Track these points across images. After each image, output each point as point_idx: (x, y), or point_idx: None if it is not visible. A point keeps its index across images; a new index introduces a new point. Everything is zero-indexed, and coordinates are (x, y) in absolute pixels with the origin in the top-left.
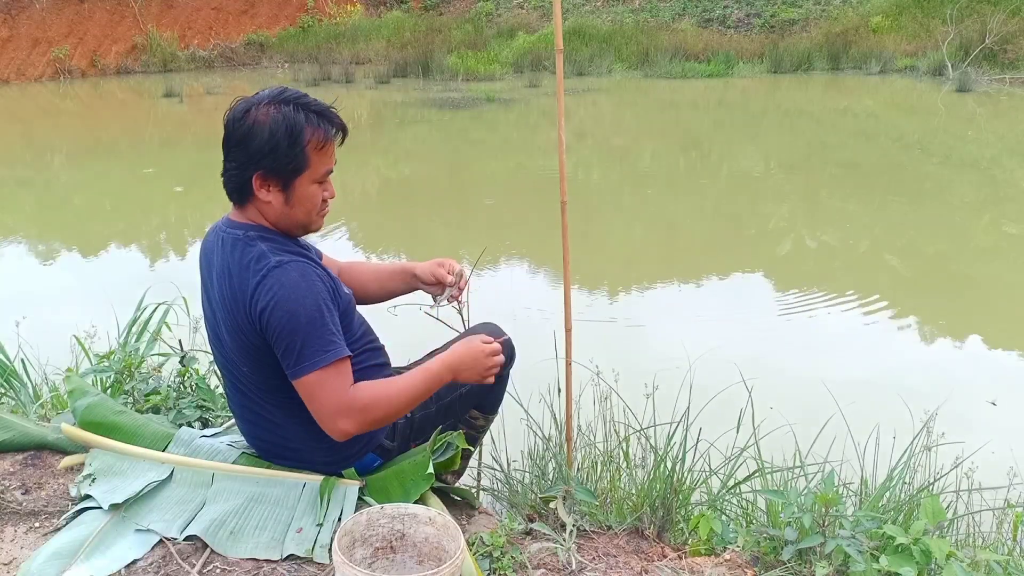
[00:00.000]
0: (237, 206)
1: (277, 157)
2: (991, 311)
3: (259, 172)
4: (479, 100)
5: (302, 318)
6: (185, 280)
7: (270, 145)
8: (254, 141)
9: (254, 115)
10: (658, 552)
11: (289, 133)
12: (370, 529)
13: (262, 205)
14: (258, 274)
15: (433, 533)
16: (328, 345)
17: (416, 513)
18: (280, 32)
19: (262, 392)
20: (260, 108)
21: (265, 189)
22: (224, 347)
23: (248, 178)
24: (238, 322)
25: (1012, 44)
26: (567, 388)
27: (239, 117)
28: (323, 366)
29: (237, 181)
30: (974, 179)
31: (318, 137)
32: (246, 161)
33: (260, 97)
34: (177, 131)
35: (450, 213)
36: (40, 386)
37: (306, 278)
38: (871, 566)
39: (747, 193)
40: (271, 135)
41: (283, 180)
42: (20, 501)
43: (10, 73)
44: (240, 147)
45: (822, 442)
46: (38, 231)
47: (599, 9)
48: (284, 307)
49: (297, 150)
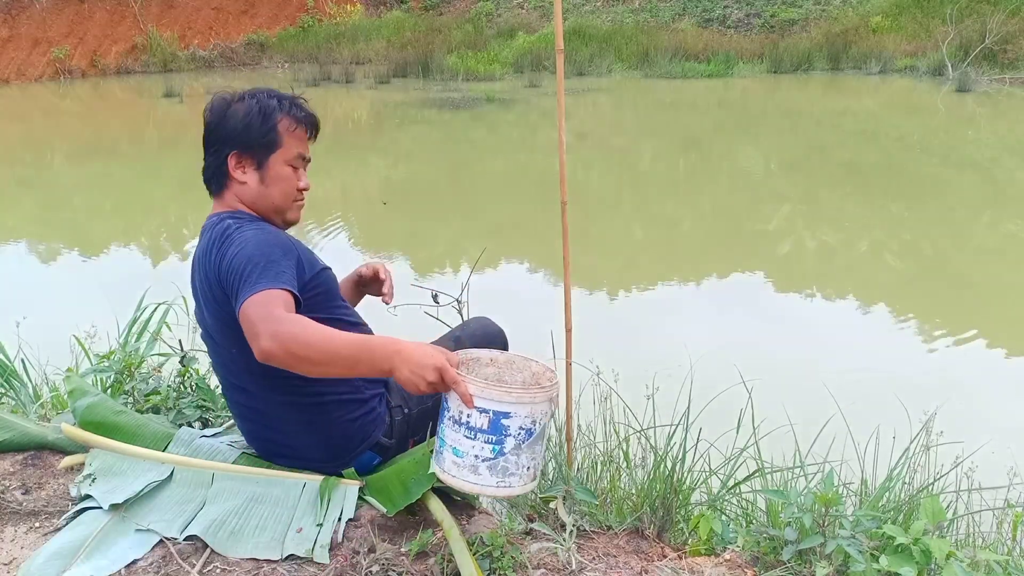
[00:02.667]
0: (216, 197)
1: (250, 134)
2: (991, 311)
3: (235, 151)
4: (479, 100)
5: (249, 256)
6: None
7: (244, 123)
8: (229, 122)
9: (225, 102)
10: (658, 552)
11: (261, 111)
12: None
13: (238, 187)
14: (221, 241)
15: (494, 372)
16: (269, 276)
17: (479, 356)
18: (280, 32)
19: (254, 379)
20: (230, 97)
21: (241, 169)
22: (212, 335)
23: (224, 159)
24: (214, 294)
25: (1012, 44)
26: (567, 388)
27: (215, 106)
28: (263, 290)
29: (214, 166)
30: (974, 179)
31: (289, 119)
32: (222, 144)
33: (237, 91)
34: (177, 131)
35: (450, 213)
36: (40, 386)
37: (264, 232)
38: (871, 566)
39: (747, 193)
40: (245, 114)
41: (257, 158)
42: (20, 501)
43: (10, 73)
44: (215, 132)
45: (822, 442)
46: (38, 231)
47: (599, 9)
48: (234, 252)
49: (269, 127)
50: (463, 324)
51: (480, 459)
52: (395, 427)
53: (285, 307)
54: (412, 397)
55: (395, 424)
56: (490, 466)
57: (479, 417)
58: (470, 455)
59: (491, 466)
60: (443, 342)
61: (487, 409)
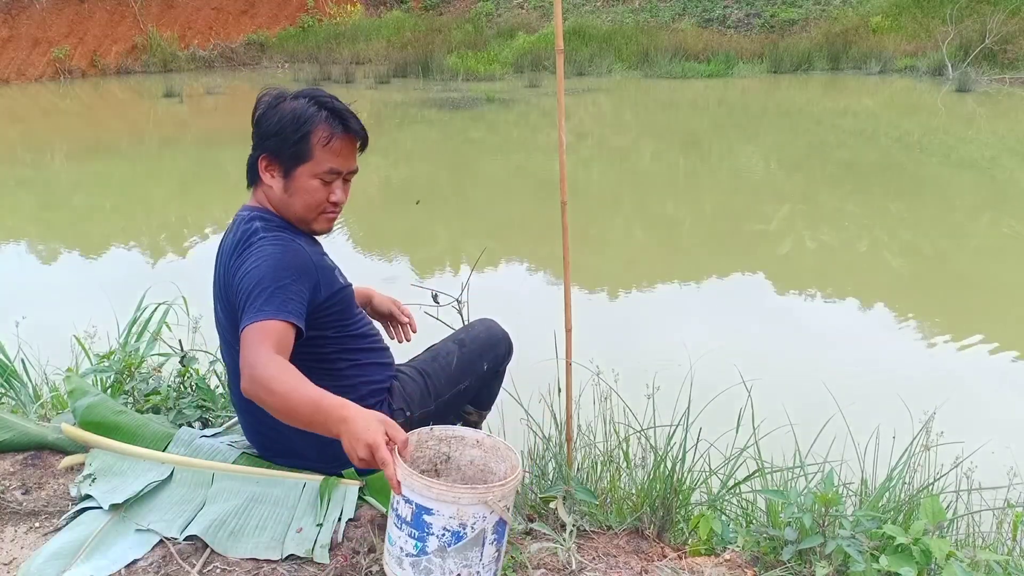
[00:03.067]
0: (249, 187)
1: (281, 142)
2: (991, 311)
3: (264, 154)
4: (479, 100)
5: (258, 278)
6: (185, 280)
7: (276, 128)
8: (267, 123)
9: (267, 102)
10: (658, 552)
11: (295, 120)
12: (418, 451)
13: (265, 189)
14: (241, 249)
15: (480, 456)
16: (269, 306)
17: (464, 435)
18: (280, 32)
19: None
20: (274, 98)
21: (269, 173)
22: (224, 330)
23: (255, 159)
24: (227, 294)
25: (1012, 44)
26: (567, 388)
27: (264, 101)
28: (263, 320)
29: (250, 161)
30: (974, 179)
31: (324, 132)
32: (257, 142)
33: (285, 91)
34: (177, 131)
35: (450, 213)
36: (40, 386)
37: (287, 251)
38: (871, 566)
39: (747, 193)
40: (279, 120)
41: (284, 166)
42: (20, 501)
43: (10, 73)
44: (256, 128)
45: (822, 442)
46: (38, 231)
47: (599, 9)
48: (246, 270)
49: (299, 136)
50: (468, 326)
51: (404, 552)
52: None
53: (278, 343)
54: (414, 400)
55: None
56: (413, 563)
57: (404, 507)
58: (397, 545)
59: (414, 563)
60: (446, 344)
61: (411, 500)
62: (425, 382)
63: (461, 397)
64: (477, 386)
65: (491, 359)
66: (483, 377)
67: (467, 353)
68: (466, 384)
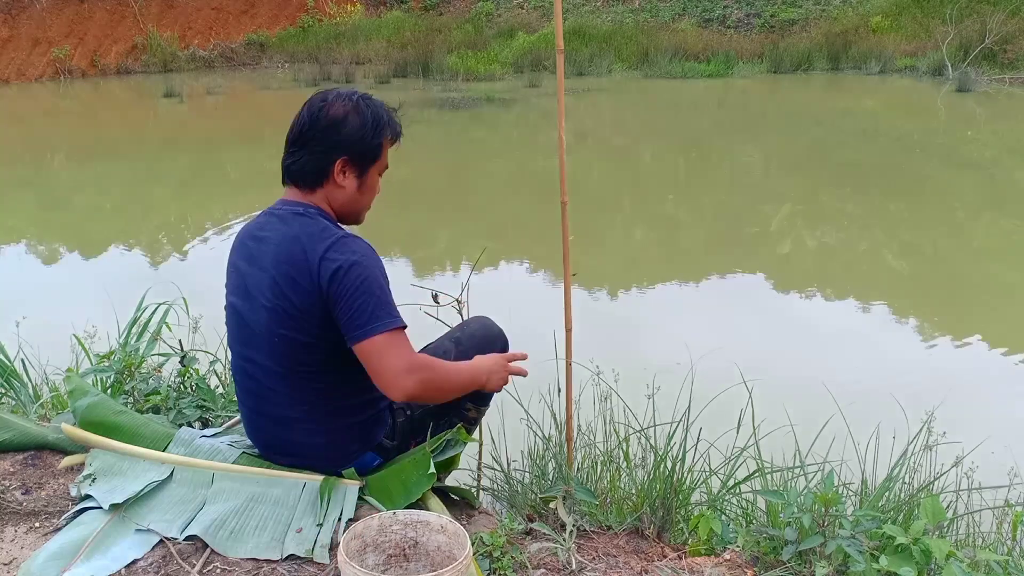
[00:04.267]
0: (300, 189)
1: (363, 145)
2: (991, 311)
3: (344, 157)
4: (479, 100)
5: (375, 281)
6: (185, 280)
7: (360, 134)
8: (346, 128)
9: (341, 106)
10: (658, 552)
11: (375, 124)
12: (382, 535)
13: (335, 190)
14: (328, 239)
15: (445, 542)
16: (395, 311)
17: (428, 521)
18: (280, 32)
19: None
20: (345, 101)
21: (343, 174)
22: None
23: (331, 162)
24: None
25: (1012, 44)
26: (567, 388)
27: (329, 106)
28: (393, 328)
29: (317, 164)
30: (974, 179)
31: (391, 133)
32: (333, 146)
33: (341, 93)
34: (177, 131)
35: (450, 213)
36: (40, 386)
37: (373, 249)
38: (871, 566)
39: (747, 193)
40: (362, 124)
41: (360, 168)
42: (20, 501)
43: (10, 73)
44: (328, 132)
45: (822, 442)
46: (38, 231)
47: (599, 9)
48: (359, 268)
49: (377, 141)
50: (463, 324)
51: None
52: (397, 428)
53: (408, 343)
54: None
55: (397, 425)
56: None
57: None
58: None
59: None
60: (442, 342)
61: None
62: None
63: (461, 397)
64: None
65: None
66: None
67: (463, 351)
68: None
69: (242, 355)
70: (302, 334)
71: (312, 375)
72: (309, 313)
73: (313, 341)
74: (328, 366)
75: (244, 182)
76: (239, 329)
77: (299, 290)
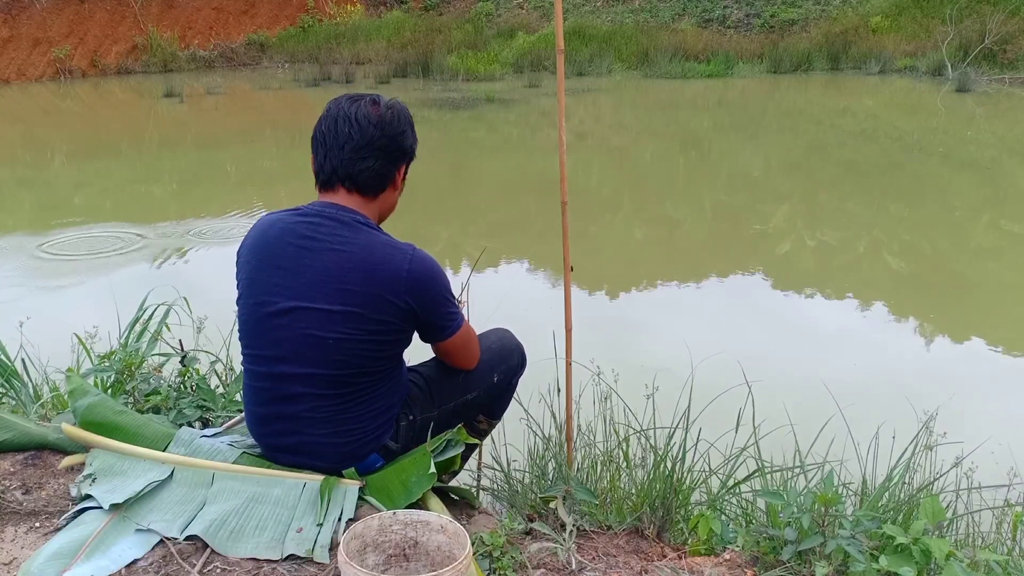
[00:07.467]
0: (366, 195)
1: (414, 150)
2: (991, 310)
3: (407, 162)
4: (479, 100)
5: (447, 288)
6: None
7: (413, 138)
8: (407, 137)
9: (397, 113)
10: (658, 552)
11: (413, 128)
12: (382, 535)
13: (390, 195)
14: (406, 252)
15: (445, 541)
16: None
17: (429, 521)
18: (280, 32)
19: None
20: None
21: (402, 179)
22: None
23: (397, 168)
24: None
25: (1012, 44)
26: (567, 388)
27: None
28: (464, 322)
29: (385, 171)
30: (974, 179)
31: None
32: (401, 154)
33: (386, 99)
34: (177, 131)
35: (450, 213)
36: (41, 386)
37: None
38: (871, 566)
39: (747, 193)
40: (412, 131)
41: (407, 170)
42: (20, 501)
43: (10, 73)
44: (397, 142)
45: (822, 442)
46: (38, 231)
47: (599, 9)
48: (440, 279)
49: (416, 144)
50: (481, 336)
51: None
52: (401, 432)
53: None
54: (416, 403)
55: (401, 429)
56: None
57: None
58: None
59: None
60: None
61: None
62: (429, 388)
63: (469, 407)
64: (487, 396)
65: (503, 371)
66: (494, 388)
67: (482, 363)
68: (474, 394)
69: (265, 356)
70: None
71: (350, 377)
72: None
73: (370, 344)
74: (365, 369)
75: (244, 182)
76: (271, 330)
77: (379, 300)
